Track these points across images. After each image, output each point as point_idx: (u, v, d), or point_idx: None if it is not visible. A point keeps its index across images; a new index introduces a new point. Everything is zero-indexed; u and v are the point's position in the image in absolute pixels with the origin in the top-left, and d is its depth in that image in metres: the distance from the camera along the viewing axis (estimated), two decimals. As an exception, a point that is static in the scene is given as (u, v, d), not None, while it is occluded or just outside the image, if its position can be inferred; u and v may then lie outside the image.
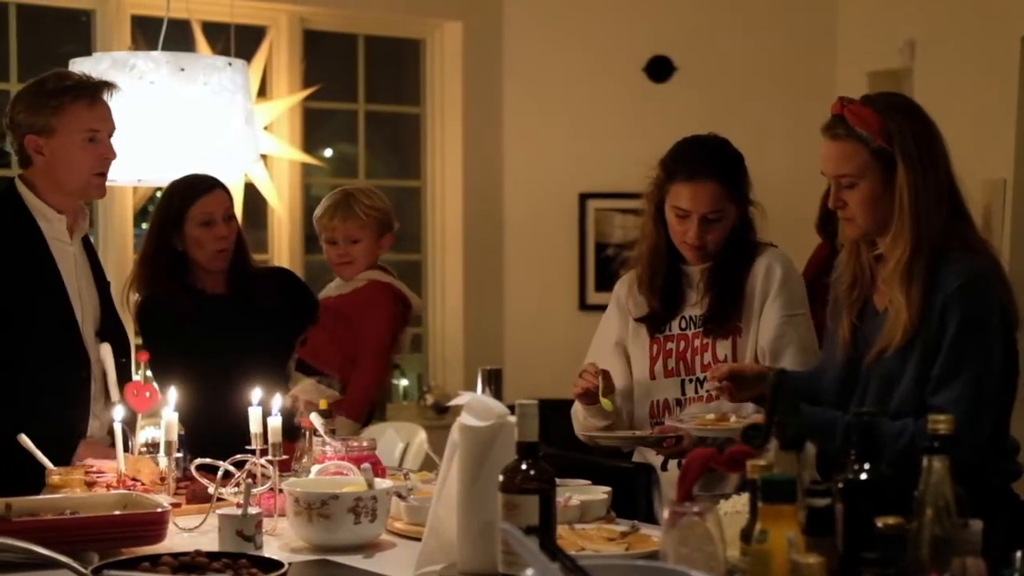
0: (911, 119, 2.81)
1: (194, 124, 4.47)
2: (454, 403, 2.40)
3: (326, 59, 6.46)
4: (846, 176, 2.81)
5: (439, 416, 6.19)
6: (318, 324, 4.00)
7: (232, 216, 3.87)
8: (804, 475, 1.96)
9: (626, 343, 3.45)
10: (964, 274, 2.73)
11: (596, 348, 3.51)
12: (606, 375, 3.26)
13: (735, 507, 2.21)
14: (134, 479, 2.94)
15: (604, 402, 3.24)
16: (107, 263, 5.26)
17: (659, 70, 6.54)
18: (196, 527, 2.68)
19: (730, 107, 6.22)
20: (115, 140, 3.43)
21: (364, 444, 3.01)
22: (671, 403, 3.35)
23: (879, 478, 1.92)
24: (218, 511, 2.58)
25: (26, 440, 2.99)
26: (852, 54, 6.31)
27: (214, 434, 3.08)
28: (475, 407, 2.30)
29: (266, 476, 2.78)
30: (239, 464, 2.81)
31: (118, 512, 2.62)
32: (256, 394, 2.86)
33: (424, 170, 6.58)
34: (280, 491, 2.71)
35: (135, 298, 3.85)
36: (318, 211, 4.25)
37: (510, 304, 6.57)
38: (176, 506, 2.79)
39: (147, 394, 3.20)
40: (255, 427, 2.80)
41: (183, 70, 4.47)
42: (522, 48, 6.53)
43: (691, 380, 3.34)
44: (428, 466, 3.95)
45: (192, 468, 2.89)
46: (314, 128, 6.37)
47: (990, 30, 5.58)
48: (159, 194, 4.20)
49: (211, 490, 2.78)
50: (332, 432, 3.07)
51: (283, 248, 6.12)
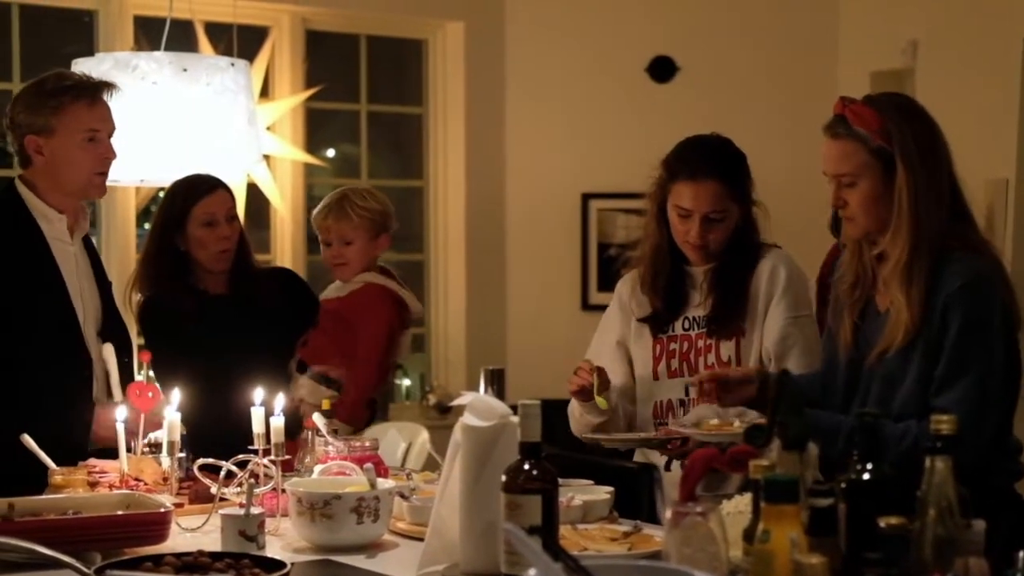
0: (911, 119, 2.80)
1: (196, 124, 4.47)
2: (456, 403, 2.40)
3: (328, 59, 6.45)
4: (846, 175, 2.81)
5: (441, 416, 6.19)
6: (318, 326, 4.00)
7: (234, 216, 3.87)
8: (807, 475, 1.96)
9: (627, 343, 3.45)
10: (966, 274, 2.73)
11: (596, 347, 3.50)
12: (601, 372, 3.26)
13: (738, 507, 2.21)
14: (137, 479, 2.95)
15: (599, 400, 3.23)
16: (109, 263, 5.26)
17: (661, 70, 6.53)
18: (199, 527, 2.68)
19: (733, 107, 6.21)
20: (118, 140, 3.43)
21: (366, 444, 3.01)
22: (674, 404, 3.34)
23: (882, 478, 1.92)
24: (221, 511, 2.57)
25: (29, 440, 2.99)
26: (854, 54, 6.30)
27: (216, 434, 3.09)
28: (477, 407, 2.30)
29: (269, 476, 2.78)
30: (242, 464, 2.81)
31: (121, 512, 2.62)
32: (258, 394, 2.86)
33: (426, 170, 6.58)
34: (283, 491, 2.71)
35: (137, 298, 3.85)
36: (315, 212, 4.25)
37: (512, 304, 6.56)
38: (179, 506, 2.79)
39: (149, 394, 3.21)
40: (258, 427, 2.81)
41: (186, 70, 4.47)
42: (524, 48, 6.52)
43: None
44: (430, 466, 3.95)
45: (195, 468, 2.89)
46: (316, 128, 6.37)
47: (992, 30, 5.58)
48: (162, 194, 4.20)
49: (214, 490, 2.78)
50: (335, 432, 3.07)
51: (285, 248, 6.12)
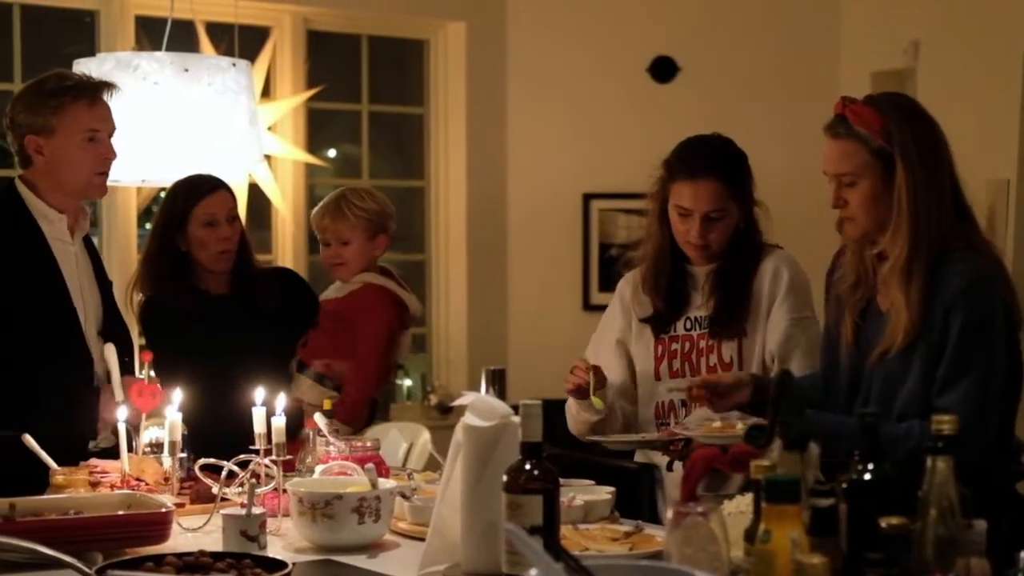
0: (912, 119, 2.80)
1: (198, 124, 4.47)
2: (458, 403, 2.40)
3: (330, 59, 6.45)
4: (846, 175, 2.81)
5: (443, 416, 6.19)
6: (318, 326, 4.00)
7: (235, 217, 3.87)
8: (808, 475, 1.96)
9: (627, 342, 3.45)
10: (967, 275, 2.72)
11: (595, 345, 3.50)
12: (597, 371, 3.25)
13: (739, 507, 2.21)
14: (138, 479, 2.95)
15: (595, 400, 3.23)
16: (111, 263, 5.26)
17: (663, 70, 6.53)
18: (200, 527, 2.68)
19: (734, 107, 6.21)
20: (119, 140, 3.43)
21: (368, 444, 3.01)
22: (676, 404, 3.33)
23: (883, 478, 1.92)
24: (222, 511, 2.57)
25: (30, 440, 2.99)
26: (856, 54, 6.31)
27: (217, 434, 3.09)
28: (479, 407, 2.30)
29: (270, 476, 2.78)
30: (243, 464, 2.81)
31: (122, 512, 2.62)
32: (260, 394, 2.86)
33: (428, 170, 6.58)
34: (284, 491, 2.72)
35: (138, 298, 3.85)
36: (313, 212, 4.24)
37: (514, 304, 6.56)
38: (180, 506, 2.79)
39: (151, 394, 3.21)
40: (259, 427, 2.81)
41: (187, 71, 4.47)
42: (526, 48, 6.52)
43: (697, 381, 3.33)
44: (432, 466, 3.95)
45: (196, 468, 2.89)
46: (318, 128, 6.37)
47: (994, 31, 5.58)
48: (163, 194, 4.20)
49: (215, 490, 2.78)
50: (336, 432, 3.07)
51: (287, 248, 6.12)
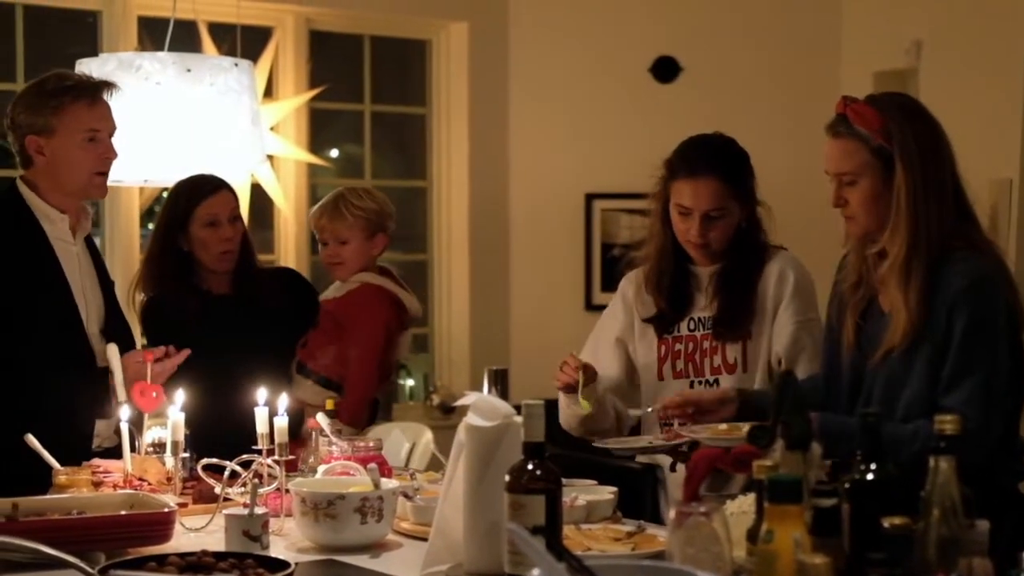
0: (913, 118, 2.80)
1: (200, 125, 4.47)
2: (460, 403, 2.40)
3: (332, 60, 6.46)
4: (846, 174, 2.82)
5: (445, 416, 6.19)
6: (317, 327, 3.99)
7: (237, 217, 3.87)
8: (810, 475, 1.96)
9: (627, 341, 3.44)
10: (970, 275, 2.72)
11: (594, 341, 3.49)
12: (587, 369, 3.24)
13: (741, 507, 2.21)
14: (140, 479, 2.95)
15: (582, 402, 3.21)
16: (113, 263, 5.27)
17: (665, 70, 6.53)
18: (202, 527, 2.68)
19: (736, 107, 6.20)
20: (121, 141, 3.43)
21: (370, 444, 3.01)
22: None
23: (885, 478, 1.92)
24: (224, 511, 2.58)
25: (33, 440, 2.99)
26: (857, 54, 6.30)
27: (218, 434, 3.08)
28: (481, 407, 2.30)
29: (272, 476, 2.78)
30: (245, 464, 2.81)
31: (124, 512, 2.63)
32: (262, 394, 2.86)
33: (430, 170, 6.58)
34: (287, 491, 2.72)
35: (141, 298, 3.86)
36: (312, 211, 4.23)
37: (516, 304, 6.56)
38: (183, 506, 2.80)
39: (153, 394, 3.21)
40: (261, 427, 2.81)
41: (189, 71, 4.47)
42: (528, 49, 6.52)
43: (700, 382, 3.33)
44: (434, 466, 3.95)
45: (198, 468, 2.89)
46: (320, 129, 6.37)
47: (996, 30, 5.58)
48: (165, 195, 4.20)
49: (217, 490, 2.78)
50: (338, 432, 3.07)
51: (289, 248, 6.12)
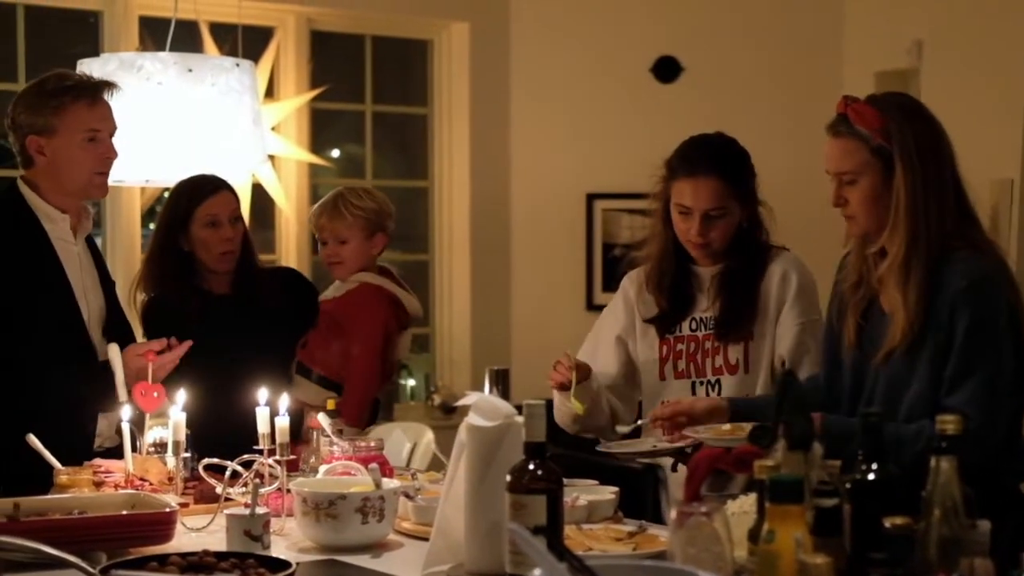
0: (913, 118, 2.80)
1: (202, 125, 4.47)
2: (461, 403, 2.40)
3: (333, 60, 6.46)
4: (846, 173, 2.82)
5: (446, 416, 6.19)
6: (316, 327, 3.99)
7: (238, 217, 3.87)
8: (812, 475, 1.96)
9: (628, 340, 3.44)
10: (971, 274, 2.72)
11: (594, 339, 3.49)
12: (580, 369, 3.24)
13: (742, 507, 2.21)
14: (142, 479, 2.95)
15: (575, 404, 3.21)
16: (115, 263, 5.27)
17: (666, 70, 6.53)
18: (204, 527, 2.68)
19: (737, 107, 6.20)
20: (123, 141, 3.43)
21: (371, 444, 3.01)
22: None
23: (886, 478, 1.92)
24: (226, 511, 2.58)
25: (34, 440, 2.99)
26: (859, 54, 6.30)
27: (219, 435, 3.08)
28: (482, 407, 2.30)
29: (274, 476, 2.79)
30: (247, 464, 2.81)
31: (126, 512, 2.63)
32: (263, 394, 2.86)
33: (431, 171, 6.58)
34: (288, 491, 2.72)
35: (141, 298, 3.85)
36: (311, 211, 4.23)
37: (517, 304, 6.56)
38: (184, 506, 2.80)
39: (155, 394, 3.21)
40: (263, 427, 2.81)
41: (191, 71, 4.47)
42: (529, 49, 6.53)
43: (702, 382, 3.33)
44: (435, 466, 3.95)
45: (200, 468, 2.89)
46: (321, 129, 6.37)
47: (997, 30, 5.58)
48: (167, 194, 4.20)
49: (219, 490, 2.78)
50: (339, 432, 3.07)
51: (290, 248, 6.13)
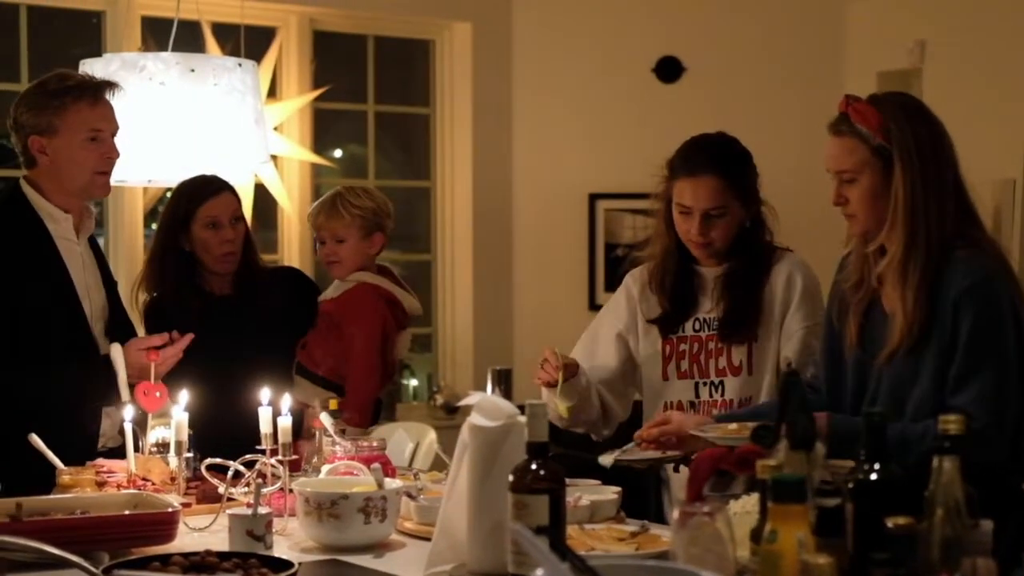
0: (914, 118, 2.80)
1: (204, 125, 4.47)
2: (464, 403, 2.40)
3: (336, 60, 6.46)
4: (847, 172, 2.82)
5: (449, 416, 6.19)
6: (315, 327, 3.99)
7: (240, 218, 3.86)
8: (814, 475, 1.96)
9: (629, 338, 3.43)
10: (974, 273, 2.72)
11: (592, 334, 3.48)
12: (567, 368, 3.23)
13: (745, 507, 2.21)
14: (144, 479, 2.95)
15: (560, 407, 3.20)
16: (117, 263, 5.28)
17: (668, 71, 6.53)
18: (206, 527, 2.68)
19: (739, 108, 6.21)
20: (125, 140, 3.44)
21: (374, 444, 3.01)
22: (684, 405, 3.33)
23: (889, 478, 1.92)
24: (228, 511, 2.58)
25: (37, 440, 2.99)
26: (861, 54, 6.30)
27: (220, 435, 3.09)
28: (485, 407, 2.30)
29: (276, 476, 2.79)
30: (249, 464, 2.81)
31: (128, 512, 2.63)
32: (265, 394, 2.86)
33: (433, 171, 6.58)
34: (290, 491, 2.72)
35: (143, 298, 3.85)
36: (310, 210, 4.23)
37: (519, 304, 6.56)
38: (186, 506, 2.80)
39: (157, 394, 3.21)
40: (265, 427, 2.81)
41: (193, 71, 4.46)
42: (531, 49, 6.53)
43: (705, 383, 3.33)
44: (438, 466, 3.95)
45: (202, 468, 2.89)
46: (324, 129, 6.37)
47: (1000, 30, 5.58)
48: (169, 195, 4.21)
49: (221, 490, 2.79)
50: (342, 432, 3.07)
51: (293, 248, 6.13)
